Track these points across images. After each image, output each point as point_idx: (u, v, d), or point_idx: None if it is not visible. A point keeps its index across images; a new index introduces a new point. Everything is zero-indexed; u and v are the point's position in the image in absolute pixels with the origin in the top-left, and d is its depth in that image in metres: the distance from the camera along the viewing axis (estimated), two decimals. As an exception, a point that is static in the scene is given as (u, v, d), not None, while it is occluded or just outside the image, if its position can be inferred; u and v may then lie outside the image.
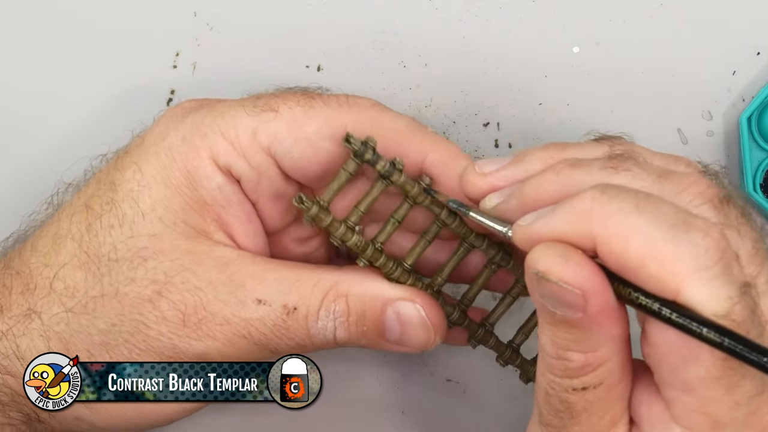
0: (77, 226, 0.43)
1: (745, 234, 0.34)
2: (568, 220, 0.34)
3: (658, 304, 0.32)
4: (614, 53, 0.51)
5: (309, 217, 0.41)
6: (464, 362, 0.51)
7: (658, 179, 0.35)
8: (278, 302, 0.42)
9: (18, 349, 0.42)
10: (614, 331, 0.34)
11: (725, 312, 0.31)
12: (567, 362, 0.35)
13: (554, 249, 0.34)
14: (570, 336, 0.34)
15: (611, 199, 0.33)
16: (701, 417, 0.33)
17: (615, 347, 0.34)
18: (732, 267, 0.32)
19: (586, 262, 0.33)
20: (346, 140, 0.41)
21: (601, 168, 0.36)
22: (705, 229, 0.32)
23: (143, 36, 0.52)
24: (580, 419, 0.35)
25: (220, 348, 0.42)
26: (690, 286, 0.31)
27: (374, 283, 0.42)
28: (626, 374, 0.35)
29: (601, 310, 0.33)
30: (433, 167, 0.43)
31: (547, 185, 0.37)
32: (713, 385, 0.32)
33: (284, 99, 0.42)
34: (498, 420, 0.52)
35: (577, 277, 0.33)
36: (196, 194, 0.42)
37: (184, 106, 0.44)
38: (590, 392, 0.35)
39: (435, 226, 0.43)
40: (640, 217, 0.32)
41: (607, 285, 0.33)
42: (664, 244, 0.32)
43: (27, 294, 0.42)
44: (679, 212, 0.32)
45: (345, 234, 0.42)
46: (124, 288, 0.41)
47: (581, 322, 0.34)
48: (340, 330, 0.42)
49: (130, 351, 0.42)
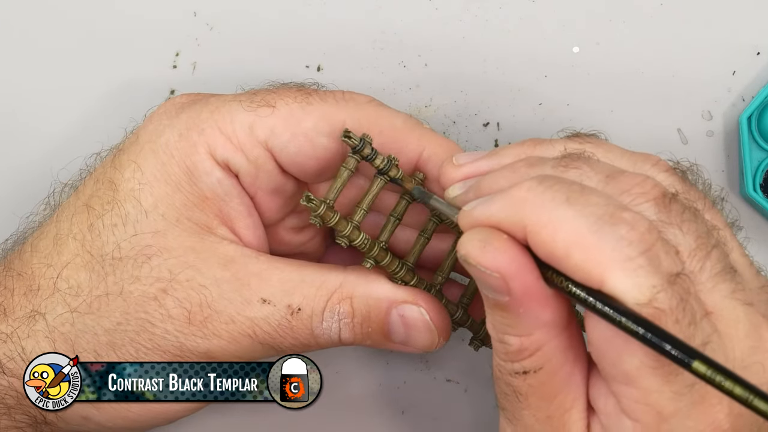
0: (78, 226, 0.42)
1: (687, 230, 0.35)
2: (503, 208, 0.35)
3: (584, 292, 0.33)
4: (614, 53, 0.51)
5: (317, 216, 0.41)
6: (464, 362, 0.51)
7: (605, 179, 0.36)
8: (283, 302, 0.42)
9: (23, 352, 0.42)
10: (546, 316, 0.35)
11: (647, 300, 0.32)
12: (506, 345, 0.36)
13: (477, 234, 0.35)
14: (503, 319, 0.35)
15: (546, 189, 0.34)
16: (645, 408, 0.33)
17: (550, 332, 0.35)
18: (659, 258, 0.33)
19: (507, 247, 0.34)
20: (345, 135, 0.41)
21: (553, 167, 0.37)
22: (632, 222, 0.33)
23: (143, 36, 0.52)
24: (528, 403, 0.36)
25: (225, 346, 0.42)
26: (613, 275, 0.32)
27: (379, 285, 0.43)
28: (570, 360, 0.36)
29: (525, 294, 0.34)
30: (430, 163, 0.43)
31: (501, 180, 0.38)
32: (650, 375, 0.33)
33: (281, 95, 0.43)
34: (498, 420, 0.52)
35: (493, 261, 0.34)
36: (197, 189, 0.42)
37: (177, 102, 0.44)
38: (531, 376, 0.36)
39: (432, 223, 0.44)
40: (569, 208, 0.33)
41: (531, 270, 0.34)
42: (589, 235, 0.32)
43: (30, 295, 0.42)
44: (609, 206, 0.33)
45: (352, 233, 0.42)
46: (128, 287, 0.41)
47: (510, 305, 0.35)
48: (345, 331, 0.42)
49: (137, 350, 0.42)
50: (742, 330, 0.34)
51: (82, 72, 0.52)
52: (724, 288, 0.35)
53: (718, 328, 0.34)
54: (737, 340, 0.34)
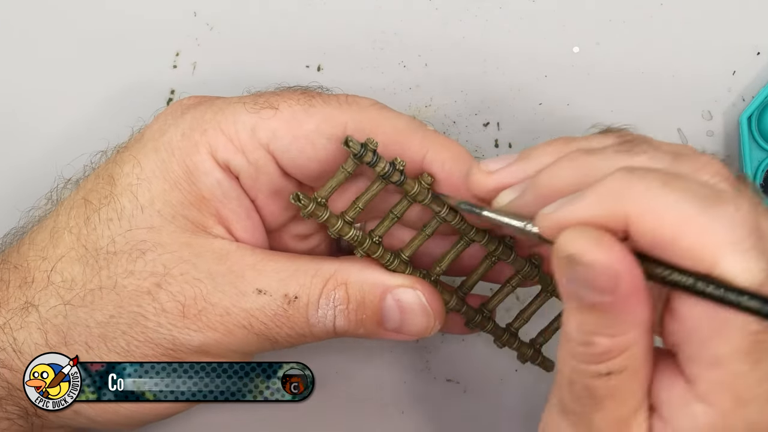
0: (75, 219, 0.43)
1: (763, 212, 0.34)
2: (599, 202, 0.33)
3: (692, 278, 0.32)
4: (614, 53, 0.51)
5: (305, 213, 0.41)
6: (464, 362, 0.51)
7: (675, 159, 0.35)
8: (279, 292, 0.42)
9: (15, 342, 0.42)
10: (642, 315, 0.34)
11: (760, 283, 0.31)
12: (593, 347, 0.34)
13: (586, 232, 0.33)
14: (598, 320, 0.34)
15: (640, 178, 0.33)
16: (725, 393, 0.33)
17: (642, 331, 0.34)
18: (763, 240, 0.32)
19: (616, 243, 0.33)
20: (345, 143, 0.41)
21: (616, 152, 0.36)
22: (736, 202, 0.32)
23: (143, 36, 0.52)
24: (603, 405, 0.35)
25: (220, 339, 0.42)
26: (725, 258, 0.31)
27: (373, 272, 0.43)
28: (649, 360, 0.35)
29: (631, 292, 0.33)
30: (434, 165, 0.43)
31: (563, 173, 0.37)
32: (741, 360, 0.32)
33: (284, 97, 0.43)
34: (498, 420, 0.52)
35: (608, 259, 0.33)
36: (195, 189, 0.42)
37: (184, 103, 0.44)
38: (614, 377, 0.35)
39: (435, 221, 0.43)
40: (671, 192, 0.32)
41: (637, 266, 0.33)
42: (698, 217, 0.32)
43: (25, 287, 0.42)
44: (706, 187, 0.33)
45: (342, 228, 0.42)
46: (122, 281, 0.41)
47: (611, 305, 0.33)
48: (340, 318, 0.42)
49: (128, 343, 0.42)
50: None
51: (82, 72, 0.52)
52: None
53: None
54: None
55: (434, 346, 0.52)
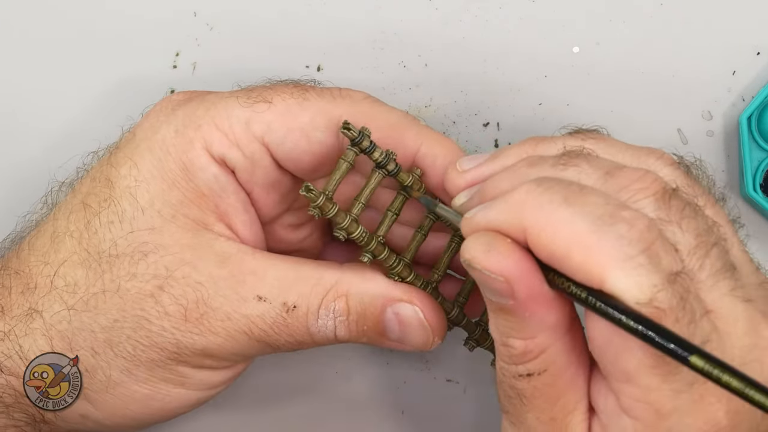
0: (75, 224, 0.43)
1: (687, 228, 0.35)
2: (502, 212, 0.35)
3: (585, 292, 0.33)
4: (614, 53, 0.51)
5: (316, 207, 0.41)
6: (464, 362, 0.51)
7: (604, 175, 0.36)
8: (278, 300, 0.42)
9: (21, 350, 0.42)
10: (550, 319, 0.35)
11: (648, 299, 0.32)
12: (510, 348, 0.36)
13: (480, 238, 0.35)
14: (507, 323, 0.35)
15: (544, 191, 0.34)
16: (644, 406, 0.34)
17: (554, 335, 0.35)
18: (659, 257, 0.33)
19: (511, 250, 0.34)
20: (344, 127, 0.41)
21: (552, 165, 0.37)
22: (630, 220, 0.33)
23: (143, 36, 0.52)
24: (532, 405, 0.36)
25: (222, 343, 0.42)
26: (613, 275, 0.32)
27: (374, 283, 0.42)
28: (573, 362, 0.36)
29: (530, 297, 0.34)
30: (426, 159, 0.43)
31: (503, 183, 0.38)
32: (649, 374, 0.33)
33: (278, 91, 0.43)
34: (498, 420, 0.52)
35: (498, 265, 0.34)
36: (193, 186, 0.42)
37: (173, 99, 0.44)
38: (536, 378, 0.36)
39: (428, 220, 0.44)
40: (567, 208, 0.33)
41: (535, 273, 0.34)
42: (588, 235, 0.33)
43: (27, 293, 0.42)
44: (608, 205, 0.33)
45: (350, 225, 0.42)
46: (125, 284, 0.41)
47: (514, 309, 0.35)
48: (341, 328, 0.42)
49: (134, 347, 0.42)
50: (741, 328, 0.34)
51: (81, 72, 0.52)
52: (724, 285, 0.35)
53: (718, 326, 0.34)
54: (736, 337, 0.34)
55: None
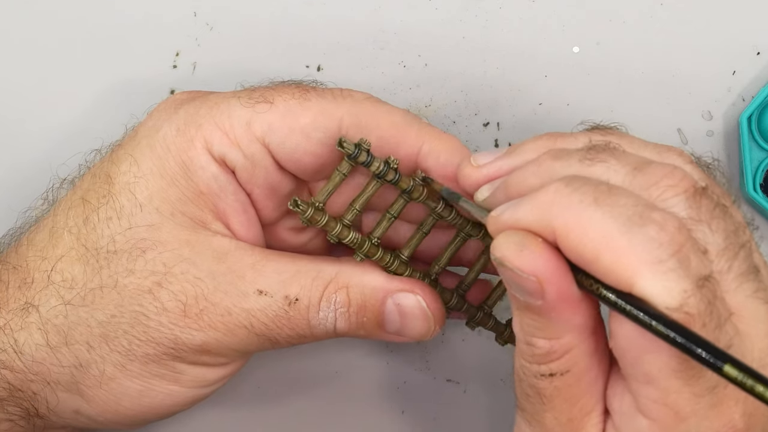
0: (74, 219, 0.43)
1: (717, 228, 0.34)
2: (532, 211, 0.34)
3: (614, 295, 0.32)
4: (614, 53, 0.51)
5: (305, 219, 0.42)
6: (464, 362, 0.51)
7: (632, 171, 0.35)
8: (280, 293, 0.42)
9: (16, 343, 0.42)
10: (577, 320, 0.35)
11: (678, 305, 0.31)
12: (534, 348, 0.35)
13: (513, 236, 0.34)
14: (534, 322, 0.35)
15: (573, 191, 0.33)
16: (663, 408, 0.33)
17: (579, 336, 0.35)
18: (689, 260, 0.32)
19: (543, 250, 0.34)
20: (339, 144, 0.41)
21: (579, 160, 0.36)
22: (661, 222, 0.32)
23: (143, 36, 0.52)
24: (551, 405, 0.36)
25: (221, 338, 0.42)
26: (643, 278, 0.32)
27: (374, 275, 0.43)
28: (595, 364, 0.36)
29: (560, 298, 0.34)
30: (429, 157, 0.43)
31: (529, 177, 0.37)
32: (672, 377, 0.33)
33: (279, 91, 0.43)
34: (498, 420, 0.52)
35: (531, 265, 0.34)
36: (192, 184, 0.42)
37: (177, 99, 0.44)
38: (558, 379, 0.35)
39: (431, 219, 0.44)
40: (597, 209, 0.33)
41: (566, 274, 0.34)
42: (618, 237, 0.32)
43: (24, 288, 0.42)
44: (638, 205, 0.33)
45: (341, 232, 0.42)
46: (123, 280, 0.41)
47: (542, 309, 0.34)
48: (341, 321, 0.42)
49: (129, 342, 0.42)
50: (763, 329, 0.34)
51: (82, 71, 0.52)
52: (748, 288, 0.34)
53: (739, 329, 0.34)
54: (757, 339, 0.34)
55: (434, 346, 0.51)
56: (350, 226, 0.42)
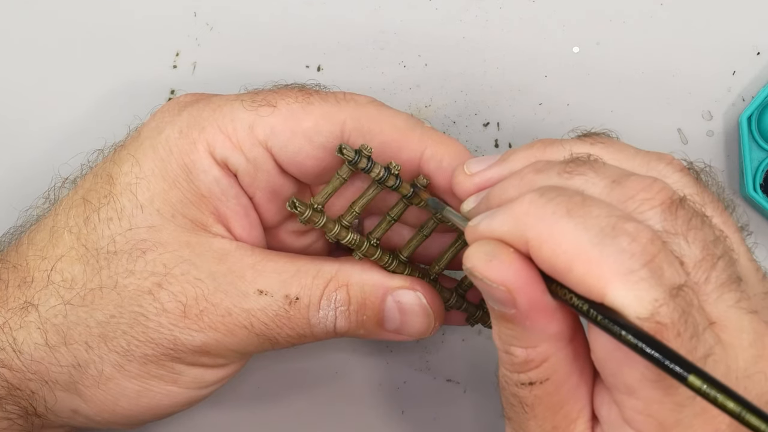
0: (75, 219, 0.43)
1: (694, 239, 0.34)
2: (505, 222, 0.34)
3: (587, 305, 0.33)
4: (614, 53, 0.51)
5: (302, 220, 0.42)
6: (464, 362, 0.51)
7: (610, 184, 0.35)
8: (280, 292, 0.42)
9: (15, 342, 0.42)
10: (552, 329, 0.35)
11: (649, 314, 0.31)
12: (512, 357, 0.36)
13: (483, 246, 0.35)
14: (510, 331, 0.35)
15: (547, 202, 0.34)
16: (647, 419, 0.33)
17: (556, 344, 0.35)
18: (662, 270, 0.32)
19: (513, 260, 0.34)
20: (339, 151, 0.41)
21: (558, 173, 0.36)
22: (633, 233, 0.32)
23: (143, 36, 0.52)
24: (534, 413, 0.36)
25: (221, 339, 0.42)
26: (615, 288, 0.32)
27: (374, 273, 0.43)
28: (576, 371, 0.36)
29: (531, 307, 0.34)
30: (431, 162, 0.43)
31: (509, 189, 0.37)
32: (651, 387, 0.33)
33: (282, 95, 0.43)
34: (498, 420, 0.51)
35: (499, 275, 0.34)
36: (194, 187, 0.42)
37: (180, 101, 0.44)
38: (537, 387, 0.35)
39: (432, 222, 0.44)
40: (570, 221, 0.33)
41: (537, 283, 0.34)
42: (590, 248, 0.32)
43: (24, 287, 0.42)
44: (611, 216, 0.33)
45: (340, 233, 0.42)
46: (123, 280, 0.41)
47: (516, 318, 0.34)
48: (341, 319, 0.42)
49: (128, 343, 0.42)
50: (746, 339, 0.34)
51: (82, 71, 0.52)
52: (729, 297, 0.34)
53: (722, 339, 0.34)
54: (741, 349, 0.34)
55: (434, 346, 0.51)
56: (349, 227, 0.42)
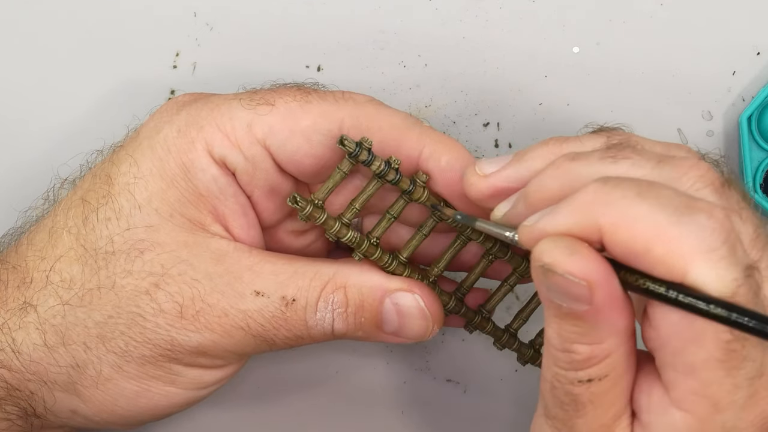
0: (74, 219, 0.43)
1: (746, 218, 0.34)
2: (573, 214, 0.34)
3: (665, 287, 0.32)
4: (614, 53, 0.51)
5: (303, 216, 0.41)
6: (464, 362, 0.51)
7: (658, 165, 0.35)
8: (276, 294, 0.42)
9: (14, 343, 0.42)
10: (620, 323, 0.34)
11: (731, 293, 0.32)
12: (573, 354, 0.35)
13: (561, 241, 0.34)
14: (576, 329, 0.34)
15: (613, 188, 0.33)
16: (701, 399, 0.33)
17: (621, 339, 0.35)
18: (737, 249, 0.32)
19: (591, 253, 0.33)
20: (340, 142, 0.41)
21: (600, 158, 0.36)
22: (709, 210, 0.32)
23: (143, 36, 0.52)
24: (585, 411, 0.35)
25: (218, 340, 0.42)
26: (697, 267, 0.32)
27: (372, 275, 0.43)
28: (631, 367, 0.36)
29: (607, 301, 0.33)
30: (430, 161, 0.43)
31: (549, 182, 0.37)
32: (715, 367, 0.33)
33: (281, 94, 0.43)
34: (498, 420, 0.52)
35: (583, 269, 0.33)
36: (192, 186, 0.42)
37: (179, 100, 0.44)
38: (595, 384, 0.35)
39: (431, 221, 0.44)
40: (643, 202, 0.32)
41: (613, 276, 0.34)
42: (669, 227, 0.32)
43: (23, 288, 0.42)
44: (681, 196, 0.33)
45: (340, 230, 0.42)
46: (121, 280, 0.41)
47: (587, 314, 0.34)
48: (338, 321, 0.42)
49: (126, 343, 0.42)
50: None
51: (82, 71, 0.52)
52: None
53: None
54: None
55: (434, 346, 0.51)
56: (349, 225, 0.42)
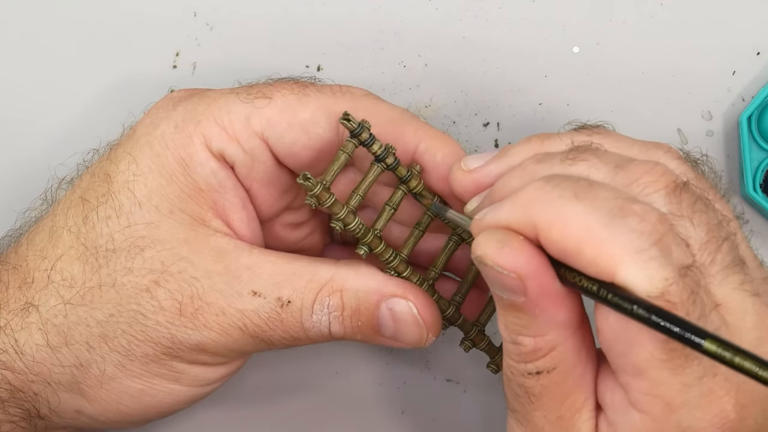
0: (74, 218, 0.43)
1: (698, 222, 0.35)
2: (513, 210, 0.35)
3: (597, 286, 0.33)
4: (614, 53, 0.51)
5: (313, 196, 0.41)
6: (464, 362, 0.51)
7: (613, 169, 0.36)
8: (272, 295, 0.42)
9: (17, 344, 0.42)
10: (560, 316, 0.35)
11: (659, 292, 0.32)
12: (519, 346, 0.36)
13: (493, 234, 0.35)
14: (518, 320, 0.35)
15: (553, 188, 0.34)
16: (653, 400, 0.34)
17: (564, 332, 0.35)
18: (670, 250, 0.33)
19: (524, 247, 0.34)
20: (343, 118, 0.41)
21: (561, 161, 0.37)
22: (642, 214, 0.33)
23: (143, 35, 0.52)
24: (540, 403, 0.36)
25: (216, 338, 0.42)
26: (625, 267, 0.32)
27: (369, 279, 0.42)
28: (582, 360, 0.36)
29: (541, 293, 0.34)
30: (425, 156, 0.43)
31: (513, 182, 0.38)
32: (659, 367, 0.33)
33: (278, 87, 0.43)
34: (498, 420, 0.52)
35: (511, 262, 0.34)
36: (191, 181, 0.42)
37: (175, 96, 0.44)
38: (545, 377, 0.36)
39: (426, 217, 0.44)
40: (578, 203, 0.33)
41: (547, 269, 0.34)
42: (599, 229, 0.33)
43: (24, 288, 0.42)
44: (618, 199, 0.33)
45: (347, 216, 0.42)
46: (121, 278, 0.41)
47: (525, 306, 0.35)
48: (335, 324, 0.42)
49: (129, 342, 0.42)
50: (750, 321, 0.35)
51: (82, 71, 0.52)
52: (734, 280, 0.35)
53: (727, 320, 0.34)
54: (745, 331, 0.34)
55: (434, 346, 0.51)
56: (355, 212, 0.42)
